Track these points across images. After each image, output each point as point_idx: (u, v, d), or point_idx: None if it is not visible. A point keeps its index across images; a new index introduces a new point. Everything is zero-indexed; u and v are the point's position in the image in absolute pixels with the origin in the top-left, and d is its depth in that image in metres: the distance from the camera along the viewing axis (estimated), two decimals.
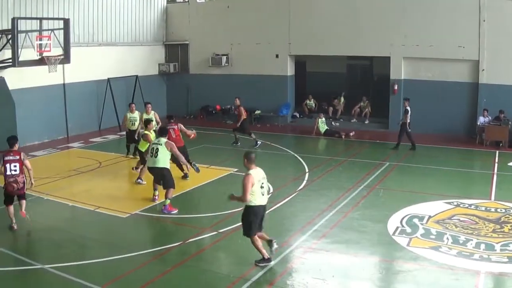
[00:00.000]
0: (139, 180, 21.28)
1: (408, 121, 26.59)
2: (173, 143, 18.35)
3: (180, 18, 38.60)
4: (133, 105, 25.52)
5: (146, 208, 17.95)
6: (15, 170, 15.79)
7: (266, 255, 13.32)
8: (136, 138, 23.79)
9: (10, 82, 26.98)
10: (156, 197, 18.54)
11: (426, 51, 29.62)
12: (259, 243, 13.36)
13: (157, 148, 17.56)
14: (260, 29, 35.24)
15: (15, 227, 16.05)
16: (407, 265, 13.03)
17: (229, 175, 22.33)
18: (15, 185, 15.86)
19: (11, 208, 16.20)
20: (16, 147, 16.23)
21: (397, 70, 31.05)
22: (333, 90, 36.09)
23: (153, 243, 14.95)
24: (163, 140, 17.87)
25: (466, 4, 28.28)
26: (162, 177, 17.80)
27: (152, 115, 24.14)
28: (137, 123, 24.65)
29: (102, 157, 25.21)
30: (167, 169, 17.82)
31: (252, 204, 13.28)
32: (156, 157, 17.56)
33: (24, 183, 16.18)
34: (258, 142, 27.84)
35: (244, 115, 27.87)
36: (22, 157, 15.98)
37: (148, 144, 19.61)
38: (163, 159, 17.67)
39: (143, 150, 21.20)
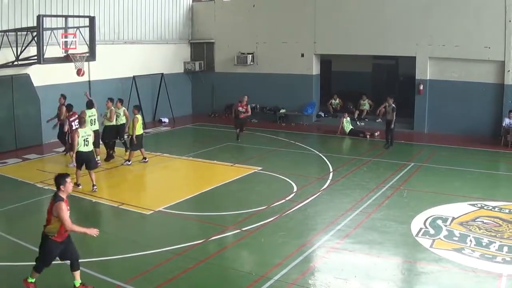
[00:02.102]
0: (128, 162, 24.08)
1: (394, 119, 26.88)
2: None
3: (206, 17, 38.71)
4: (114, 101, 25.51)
5: (169, 206, 18.00)
6: (77, 124, 22.08)
7: (79, 182, 19.70)
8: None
9: (35, 79, 27.33)
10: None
11: (452, 51, 29.43)
12: (79, 174, 19.82)
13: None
14: (285, 28, 35.25)
15: None
16: (430, 267, 12.97)
17: (253, 173, 22.36)
18: None
19: None
20: (73, 110, 23.75)
21: (423, 70, 30.87)
22: (358, 89, 36.04)
23: (176, 240, 14.93)
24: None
25: (492, 5, 28.01)
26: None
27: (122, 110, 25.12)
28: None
29: (127, 154, 25.30)
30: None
31: (78, 150, 19.45)
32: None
33: None
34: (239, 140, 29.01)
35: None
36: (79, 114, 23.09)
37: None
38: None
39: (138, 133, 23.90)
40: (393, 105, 26.71)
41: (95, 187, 19.64)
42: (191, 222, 17.15)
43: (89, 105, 23.77)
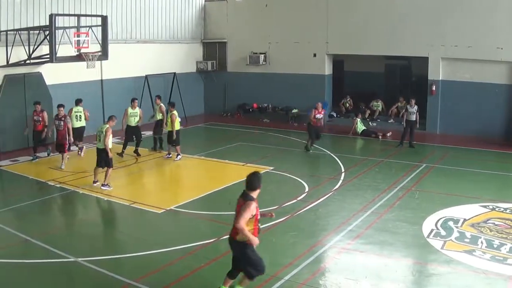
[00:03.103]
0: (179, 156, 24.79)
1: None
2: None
3: (218, 16, 38.76)
4: (136, 100, 26.23)
5: (181, 204, 18.09)
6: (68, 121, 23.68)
7: (96, 179, 20.07)
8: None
9: (47, 78, 27.47)
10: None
11: (465, 52, 29.31)
12: (97, 172, 20.10)
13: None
14: (298, 28, 35.23)
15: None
16: (441, 268, 12.93)
17: (265, 173, 22.28)
18: None
19: None
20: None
21: (435, 71, 30.77)
22: (370, 90, 35.97)
23: (187, 239, 14.95)
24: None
25: (505, 5, 27.89)
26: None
27: (137, 110, 25.82)
28: (137, 119, 25.55)
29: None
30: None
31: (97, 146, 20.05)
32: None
33: None
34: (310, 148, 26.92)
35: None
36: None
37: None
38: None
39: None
40: (416, 106, 26.71)
41: (104, 186, 19.84)
42: (203, 221, 17.17)
43: (77, 102, 25.26)
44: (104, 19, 26.39)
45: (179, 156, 24.58)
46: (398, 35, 31.23)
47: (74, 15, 26.78)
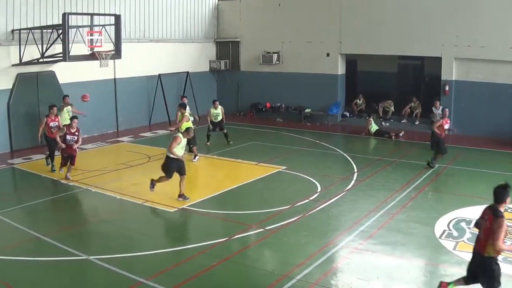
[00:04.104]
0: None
1: None
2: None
3: (232, 16, 38.78)
4: (217, 102, 28.34)
5: (193, 203, 18.09)
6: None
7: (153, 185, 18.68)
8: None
9: (60, 76, 27.60)
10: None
11: (478, 52, 29.14)
12: (161, 181, 18.56)
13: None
14: (311, 28, 35.19)
15: None
16: (452, 270, 12.85)
17: (278, 172, 22.34)
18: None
19: None
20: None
21: (449, 71, 30.62)
22: (383, 90, 35.87)
23: (199, 238, 14.96)
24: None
25: None
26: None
27: (219, 109, 27.66)
28: (219, 117, 27.64)
29: (151, 152, 25.50)
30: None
31: (171, 156, 18.08)
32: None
33: None
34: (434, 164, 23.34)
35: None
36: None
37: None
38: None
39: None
40: (441, 107, 26.64)
41: (180, 197, 18.66)
42: (215, 220, 17.19)
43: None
44: (118, 18, 26.45)
45: (196, 157, 24.55)
46: (411, 35, 31.13)
47: (88, 14, 26.84)
